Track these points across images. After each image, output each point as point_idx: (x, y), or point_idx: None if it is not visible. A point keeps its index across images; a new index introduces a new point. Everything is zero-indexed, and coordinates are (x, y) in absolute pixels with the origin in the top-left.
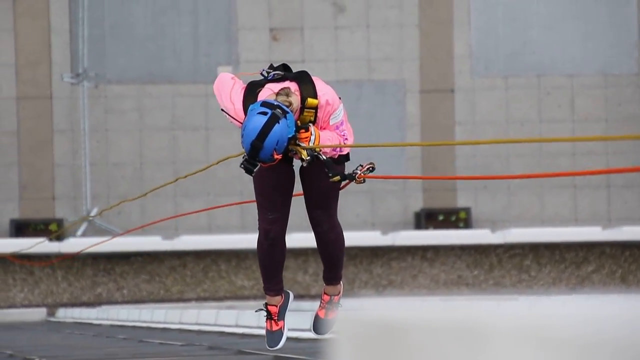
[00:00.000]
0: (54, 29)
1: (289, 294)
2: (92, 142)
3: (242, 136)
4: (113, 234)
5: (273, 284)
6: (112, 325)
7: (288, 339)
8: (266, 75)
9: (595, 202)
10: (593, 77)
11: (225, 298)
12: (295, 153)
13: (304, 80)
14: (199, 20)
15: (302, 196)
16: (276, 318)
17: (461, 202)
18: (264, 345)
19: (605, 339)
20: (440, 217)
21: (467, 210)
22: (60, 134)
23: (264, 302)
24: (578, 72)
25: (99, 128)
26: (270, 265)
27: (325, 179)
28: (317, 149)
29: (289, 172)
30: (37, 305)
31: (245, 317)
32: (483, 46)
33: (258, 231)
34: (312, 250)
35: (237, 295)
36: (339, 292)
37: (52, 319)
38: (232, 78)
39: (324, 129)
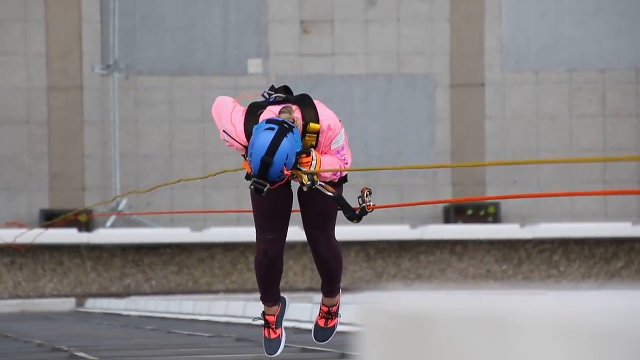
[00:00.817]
0: (85, 19)
1: (285, 300)
2: (122, 134)
3: (250, 155)
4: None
5: (271, 295)
6: (140, 316)
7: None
8: (267, 97)
9: (625, 197)
10: (624, 72)
11: (253, 290)
12: (295, 177)
13: (306, 104)
14: (229, 12)
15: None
16: (274, 326)
17: (491, 196)
18: (289, 337)
19: (634, 333)
20: (469, 212)
21: (496, 205)
22: (90, 125)
23: (261, 311)
24: (609, 67)
25: (129, 119)
26: (269, 279)
27: (323, 201)
28: (317, 179)
29: (287, 193)
30: (66, 295)
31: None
32: (514, 40)
33: (257, 248)
34: (340, 243)
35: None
36: (337, 303)
37: (80, 309)
38: (233, 101)
39: (325, 153)
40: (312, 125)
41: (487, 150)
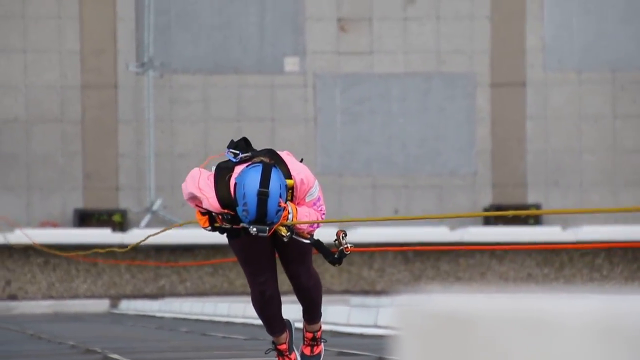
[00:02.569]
0: (120, 17)
1: (290, 323)
2: (156, 133)
3: (244, 196)
4: None
5: (277, 327)
6: (174, 318)
7: (353, 335)
8: (233, 157)
9: None
10: None
11: (289, 292)
12: (272, 231)
13: (275, 160)
14: (265, 10)
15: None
16: (287, 353)
17: (532, 198)
18: (330, 340)
19: None
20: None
21: (537, 207)
22: (124, 124)
23: (271, 341)
24: None
25: (164, 118)
26: (272, 316)
27: (297, 239)
28: (295, 232)
29: (266, 240)
30: (100, 297)
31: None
32: (556, 39)
33: (251, 291)
34: (376, 245)
35: None
36: (320, 328)
37: (114, 311)
38: (199, 169)
39: (300, 205)
40: (287, 181)
41: (528, 151)
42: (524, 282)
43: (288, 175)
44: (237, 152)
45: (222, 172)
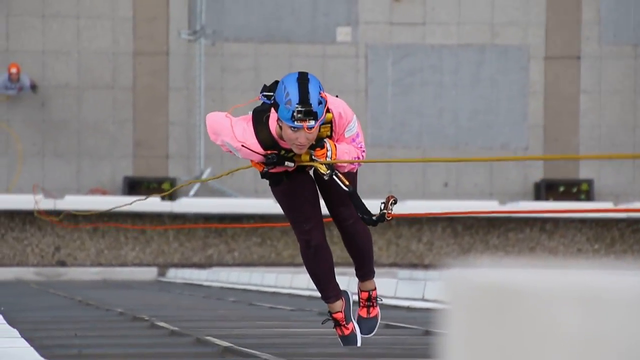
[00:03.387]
0: None
1: (347, 293)
2: (207, 101)
3: (284, 89)
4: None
5: (330, 291)
6: (222, 288)
7: (400, 307)
8: (267, 99)
9: None
10: None
11: (337, 264)
12: (312, 168)
13: None
14: None
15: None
16: (344, 323)
17: (583, 173)
18: None
19: None
20: (561, 189)
21: (589, 182)
22: (175, 92)
23: (327, 312)
24: None
25: (214, 86)
26: (322, 273)
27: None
28: (336, 171)
29: (308, 179)
30: (148, 265)
31: (356, 284)
32: (612, 12)
33: (299, 243)
34: (426, 219)
35: (350, 262)
36: (375, 287)
37: (162, 279)
38: (226, 115)
39: (340, 141)
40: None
41: (582, 126)
42: (573, 258)
43: (326, 111)
44: (271, 94)
45: (260, 115)
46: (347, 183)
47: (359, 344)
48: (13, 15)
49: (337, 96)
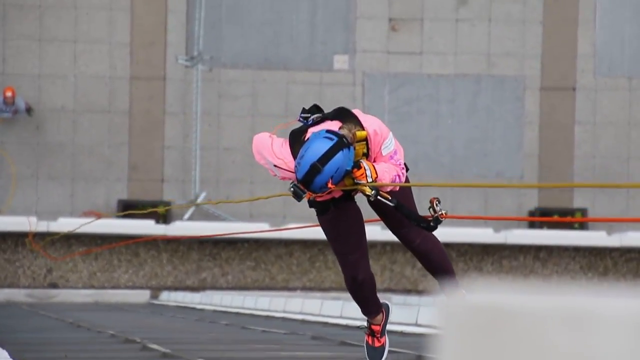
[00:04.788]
0: (171, 9)
1: (387, 306)
2: (203, 126)
3: (301, 157)
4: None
5: (372, 307)
6: (215, 311)
7: (393, 332)
8: (305, 121)
9: None
10: None
11: (331, 289)
12: (357, 192)
13: (346, 116)
14: (317, 7)
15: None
16: (379, 335)
17: (577, 202)
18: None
19: None
20: (555, 217)
21: (583, 211)
22: (171, 116)
23: (366, 320)
24: None
25: (211, 112)
26: (365, 299)
27: (395, 199)
28: (379, 190)
29: (355, 208)
30: (141, 287)
31: (350, 309)
32: (608, 45)
33: (343, 274)
34: None
35: (343, 287)
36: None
37: (155, 302)
38: (269, 136)
39: (378, 160)
40: (359, 133)
41: (576, 156)
42: (567, 285)
43: (360, 128)
44: (308, 115)
45: (296, 135)
46: (389, 197)
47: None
48: (10, 39)
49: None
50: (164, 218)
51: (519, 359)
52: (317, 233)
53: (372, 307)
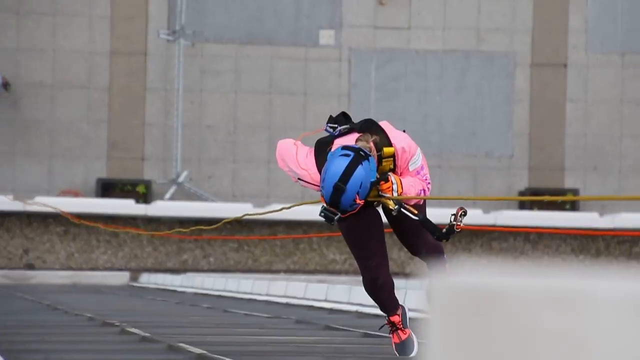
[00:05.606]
0: None
1: (404, 308)
2: (185, 103)
3: (323, 180)
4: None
5: (389, 306)
6: (196, 294)
7: (380, 316)
8: (332, 131)
9: None
10: None
11: (315, 271)
12: (379, 204)
13: (374, 130)
14: None
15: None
16: (402, 326)
17: (569, 183)
18: (352, 322)
19: None
20: (546, 200)
21: (575, 192)
22: (152, 93)
23: (384, 316)
24: None
25: (193, 88)
26: (385, 299)
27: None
28: (404, 204)
29: (375, 214)
30: (120, 269)
31: (335, 292)
32: (600, 20)
33: (362, 277)
34: None
35: (328, 269)
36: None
37: (134, 284)
38: (294, 143)
39: (404, 175)
40: (387, 149)
41: (567, 134)
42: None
43: (388, 144)
44: (335, 125)
45: (322, 146)
46: (415, 212)
47: (414, 353)
48: None
49: (404, 131)
50: (145, 197)
51: (508, 342)
52: (302, 213)
53: (391, 305)
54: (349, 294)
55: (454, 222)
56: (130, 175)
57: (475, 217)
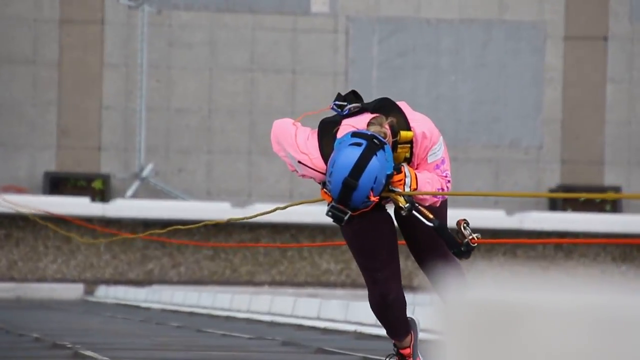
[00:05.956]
0: None
1: (414, 322)
2: (150, 82)
3: (330, 174)
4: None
5: (400, 331)
6: (164, 310)
7: (382, 337)
8: (340, 110)
9: None
10: None
11: (306, 284)
12: (388, 200)
13: (390, 110)
14: None
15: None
16: (411, 359)
17: (610, 179)
18: (349, 344)
19: None
20: (583, 197)
21: (616, 190)
22: (111, 69)
23: (392, 344)
24: None
25: (160, 64)
26: (394, 320)
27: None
28: (416, 205)
29: (386, 218)
30: (73, 281)
31: (329, 308)
32: None
33: (369, 291)
34: None
35: (321, 281)
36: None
37: (90, 298)
38: (293, 123)
39: (421, 167)
40: (404, 133)
41: (608, 122)
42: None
43: (406, 127)
44: (345, 103)
45: (328, 127)
46: (430, 217)
47: None
48: None
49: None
50: (102, 195)
51: None
52: (289, 215)
53: (400, 329)
54: (345, 310)
55: (466, 239)
56: (84, 168)
57: (497, 219)
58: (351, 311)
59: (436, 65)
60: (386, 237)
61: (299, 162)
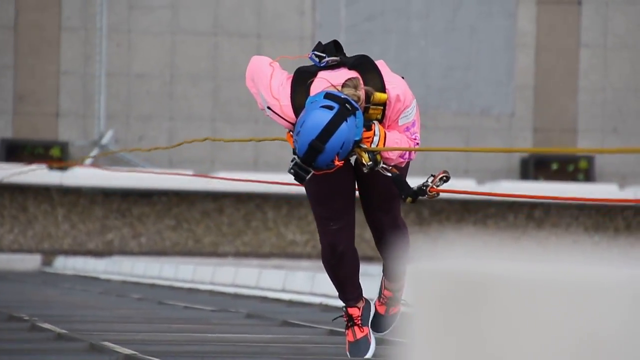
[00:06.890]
0: None
1: (368, 301)
2: (110, 46)
3: (298, 134)
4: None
5: (351, 293)
6: (124, 282)
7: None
8: (318, 60)
9: None
10: None
11: (271, 255)
12: (354, 155)
13: (368, 69)
14: None
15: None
16: (360, 322)
17: (583, 147)
18: (315, 316)
19: None
20: (554, 167)
21: (589, 159)
22: (69, 32)
23: (342, 307)
24: None
25: (119, 28)
26: (344, 278)
27: (386, 178)
28: (380, 160)
29: (348, 171)
30: (30, 251)
31: (294, 280)
32: None
33: (321, 244)
34: None
35: (287, 252)
36: (403, 287)
37: (48, 270)
38: (270, 63)
39: (391, 128)
40: (378, 95)
41: (582, 88)
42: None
43: (382, 88)
44: (324, 55)
45: (303, 76)
46: (393, 170)
47: (369, 355)
48: None
49: (402, 77)
50: (60, 163)
51: (504, 338)
52: (254, 184)
53: (352, 292)
54: (311, 282)
55: (429, 184)
56: (41, 135)
57: (466, 188)
58: (317, 283)
59: (406, 30)
60: (343, 188)
61: (268, 107)
